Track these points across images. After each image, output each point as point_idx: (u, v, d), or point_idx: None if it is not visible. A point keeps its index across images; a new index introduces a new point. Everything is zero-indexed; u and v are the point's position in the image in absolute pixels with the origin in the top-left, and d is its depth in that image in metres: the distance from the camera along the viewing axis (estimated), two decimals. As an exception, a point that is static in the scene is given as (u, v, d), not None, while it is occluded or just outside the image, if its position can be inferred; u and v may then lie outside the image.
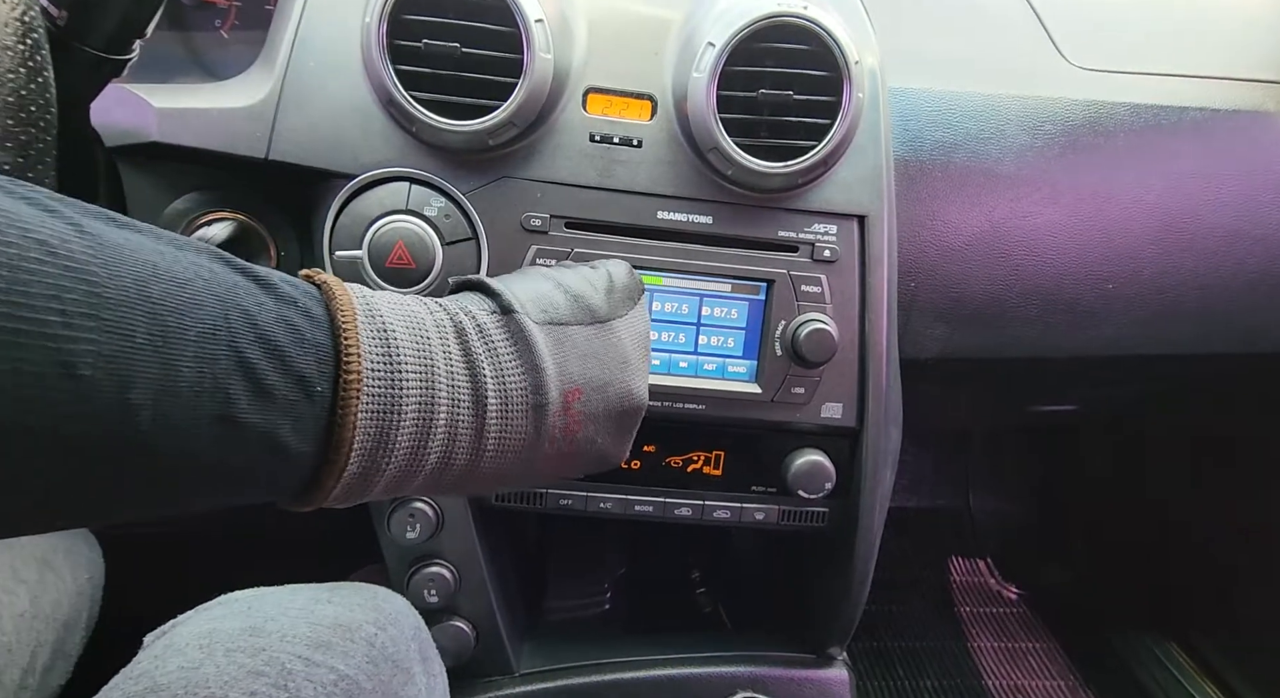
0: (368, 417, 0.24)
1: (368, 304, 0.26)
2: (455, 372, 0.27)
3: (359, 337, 0.25)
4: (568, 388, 0.29)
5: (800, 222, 0.48)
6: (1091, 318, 0.61)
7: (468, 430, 0.27)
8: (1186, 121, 0.58)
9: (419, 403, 0.26)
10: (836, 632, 0.57)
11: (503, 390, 0.28)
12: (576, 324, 0.31)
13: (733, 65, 0.43)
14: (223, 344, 0.21)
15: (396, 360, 0.25)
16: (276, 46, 0.45)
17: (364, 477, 0.25)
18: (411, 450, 0.26)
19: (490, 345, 0.28)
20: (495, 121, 0.43)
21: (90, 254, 0.19)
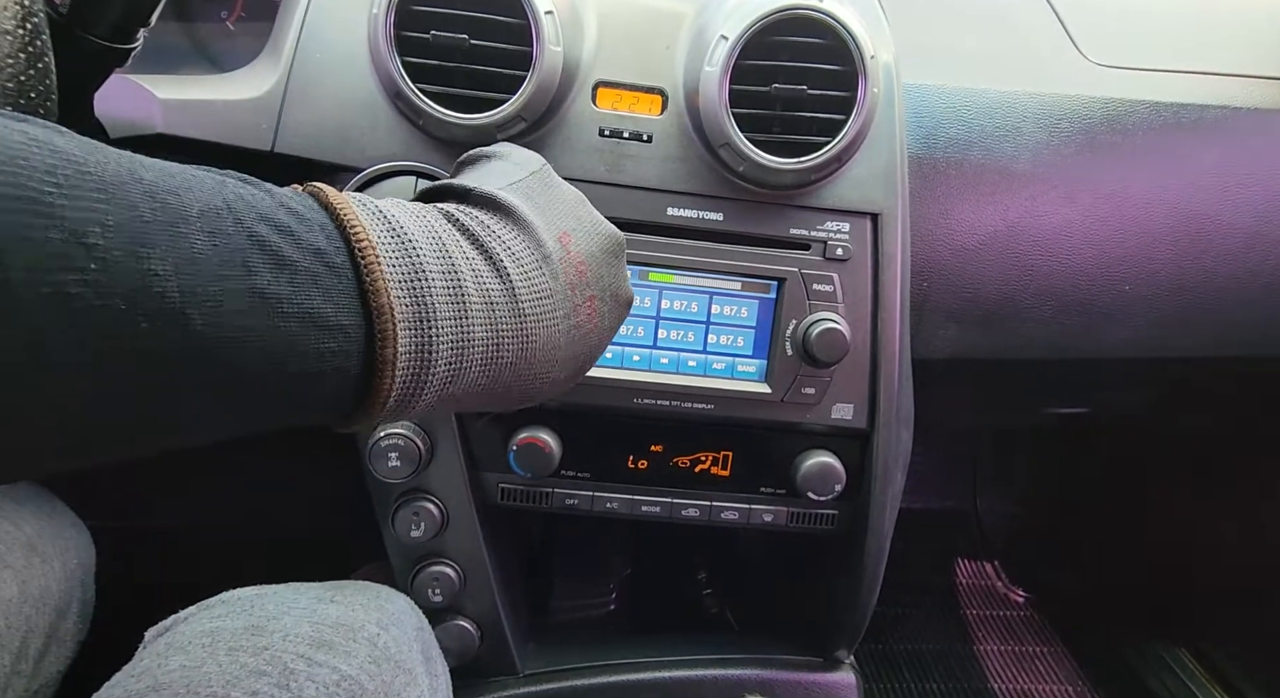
0: (396, 284, 0.23)
1: (357, 196, 0.26)
2: (462, 244, 0.26)
3: (357, 213, 0.24)
4: (558, 233, 0.29)
5: (812, 219, 0.47)
6: (1107, 319, 0.60)
7: (502, 297, 0.26)
8: (1207, 120, 0.57)
9: (442, 271, 0.25)
10: (844, 635, 0.57)
11: (511, 254, 0.27)
12: (528, 177, 0.31)
13: (746, 59, 0.42)
14: (228, 221, 0.21)
15: (403, 233, 0.24)
16: (282, 38, 0.44)
17: (419, 355, 0.24)
18: (454, 320, 0.25)
19: (479, 221, 0.28)
20: (503, 115, 0.42)
21: (76, 145, 0.18)
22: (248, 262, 0.21)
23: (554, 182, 0.32)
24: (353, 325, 0.23)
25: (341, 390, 0.23)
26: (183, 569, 0.62)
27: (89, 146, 0.19)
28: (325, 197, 0.24)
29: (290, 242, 0.22)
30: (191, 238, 0.19)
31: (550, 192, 0.31)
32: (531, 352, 0.27)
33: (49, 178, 0.17)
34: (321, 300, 0.22)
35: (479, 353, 0.26)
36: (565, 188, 0.33)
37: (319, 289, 0.22)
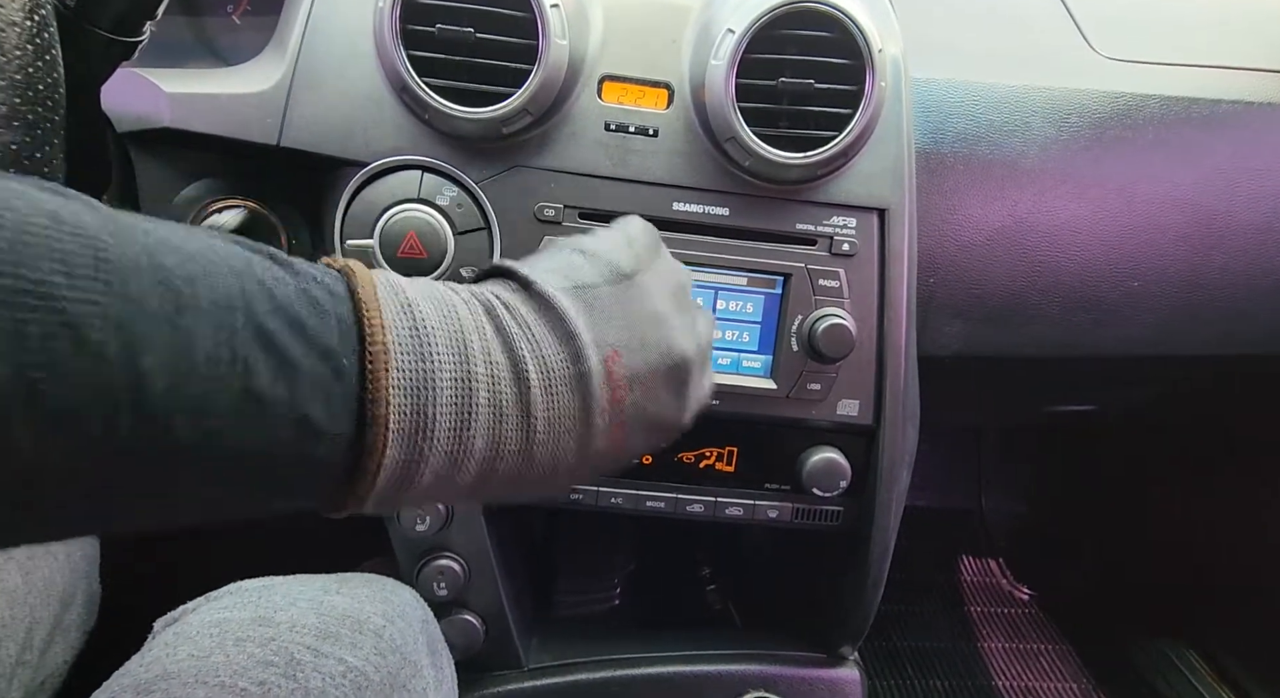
0: (400, 392, 0.23)
1: (389, 281, 0.25)
2: (490, 347, 0.25)
3: (381, 310, 0.23)
4: (606, 352, 0.28)
5: (819, 214, 0.47)
6: (1115, 316, 0.60)
7: (513, 410, 0.25)
8: (1219, 114, 0.56)
9: (454, 378, 0.24)
10: (849, 632, 0.57)
11: (542, 363, 0.26)
12: (604, 284, 0.29)
13: (752, 53, 0.42)
14: (240, 314, 0.20)
15: (424, 333, 0.24)
16: (288, 32, 0.44)
17: (406, 465, 0.23)
18: (454, 432, 0.24)
19: (519, 319, 0.27)
20: (509, 109, 0.42)
21: (100, 225, 0.18)
22: (248, 360, 0.20)
23: (635, 296, 0.30)
24: (343, 434, 0.22)
25: (322, 488, 0.23)
26: (190, 561, 0.62)
27: (117, 225, 0.19)
28: (354, 281, 0.24)
29: (300, 340, 0.21)
30: (193, 333, 0.19)
31: (624, 304, 0.29)
32: (534, 468, 0.27)
33: (60, 266, 0.17)
34: (319, 406, 0.22)
35: (474, 465, 0.25)
36: (646, 305, 0.30)
37: (319, 393, 0.22)
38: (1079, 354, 0.62)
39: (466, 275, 0.45)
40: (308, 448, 0.22)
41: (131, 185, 0.45)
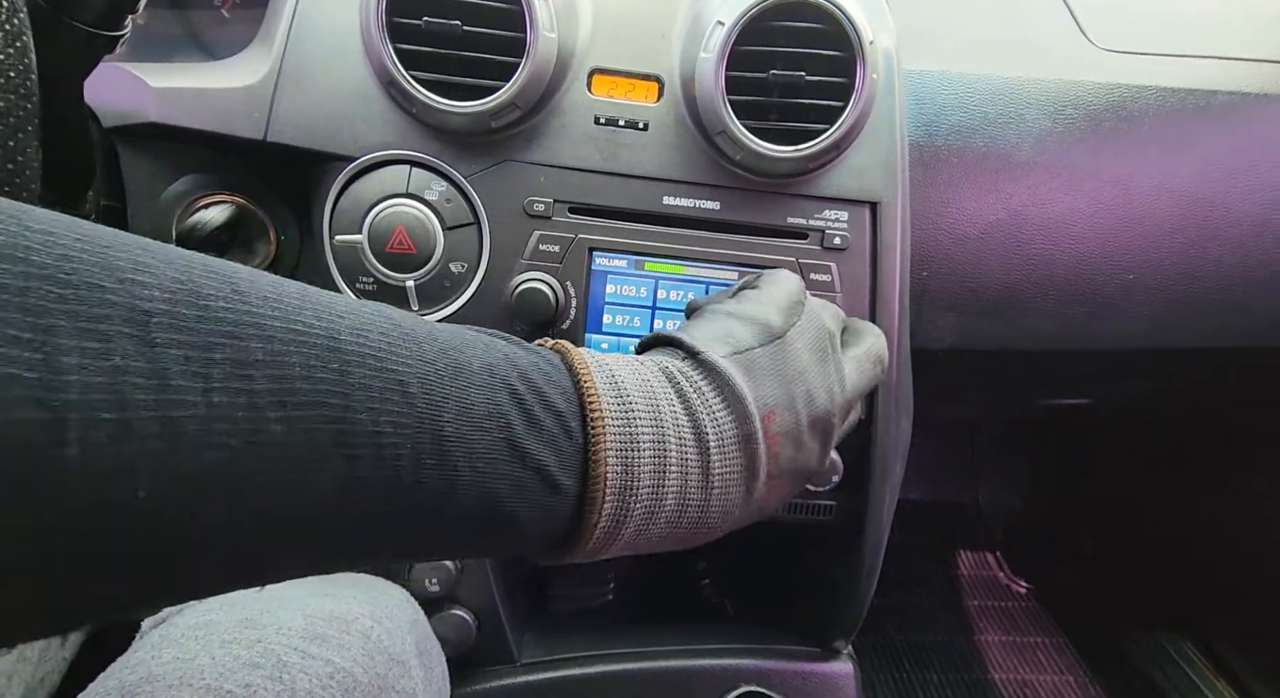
0: (614, 454, 0.26)
1: (592, 356, 0.29)
2: (676, 412, 0.28)
3: (594, 381, 0.27)
4: (764, 412, 0.30)
5: (810, 208, 0.47)
6: (1110, 310, 0.59)
7: (696, 470, 0.28)
8: (1216, 106, 0.56)
9: (653, 442, 0.27)
10: (843, 626, 0.57)
11: (717, 426, 0.29)
12: (759, 347, 0.32)
13: (742, 45, 0.42)
14: (498, 376, 0.24)
15: (627, 401, 0.27)
16: (274, 25, 0.44)
17: (615, 518, 0.26)
18: (652, 490, 0.27)
19: (695, 386, 0.29)
20: (497, 103, 0.42)
21: (402, 317, 0.24)
22: (506, 415, 0.24)
23: (785, 355, 0.32)
24: (572, 488, 0.26)
25: (545, 539, 0.27)
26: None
27: (407, 315, 0.24)
28: (570, 357, 0.28)
29: (540, 401, 0.25)
30: (470, 392, 0.23)
31: (775, 365, 0.32)
32: (707, 522, 0.29)
33: (385, 340, 0.22)
34: (554, 460, 0.25)
35: (663, 518, 0.28)
36: (794, 362, 0.32)
37: (554, 449, 0.25)
38: (1074, 348, 0.62)
39: (456, 270, 0.45)
40: (546, 498, 0.25)
41: (118, 181, 0.45)
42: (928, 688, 1.00)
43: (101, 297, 0.16)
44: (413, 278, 0.44)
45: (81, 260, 0.16)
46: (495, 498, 0.24)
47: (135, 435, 0.16)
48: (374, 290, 0.45)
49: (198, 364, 0.17)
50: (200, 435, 0.17)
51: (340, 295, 0.23)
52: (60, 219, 0.17)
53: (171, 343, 0.17)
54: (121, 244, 0.17)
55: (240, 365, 0.18)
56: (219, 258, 0.20)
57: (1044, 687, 1.02)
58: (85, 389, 0.15)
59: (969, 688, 1.01)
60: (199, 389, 0.17)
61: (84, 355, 0.15)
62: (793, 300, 0.35)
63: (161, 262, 0.18)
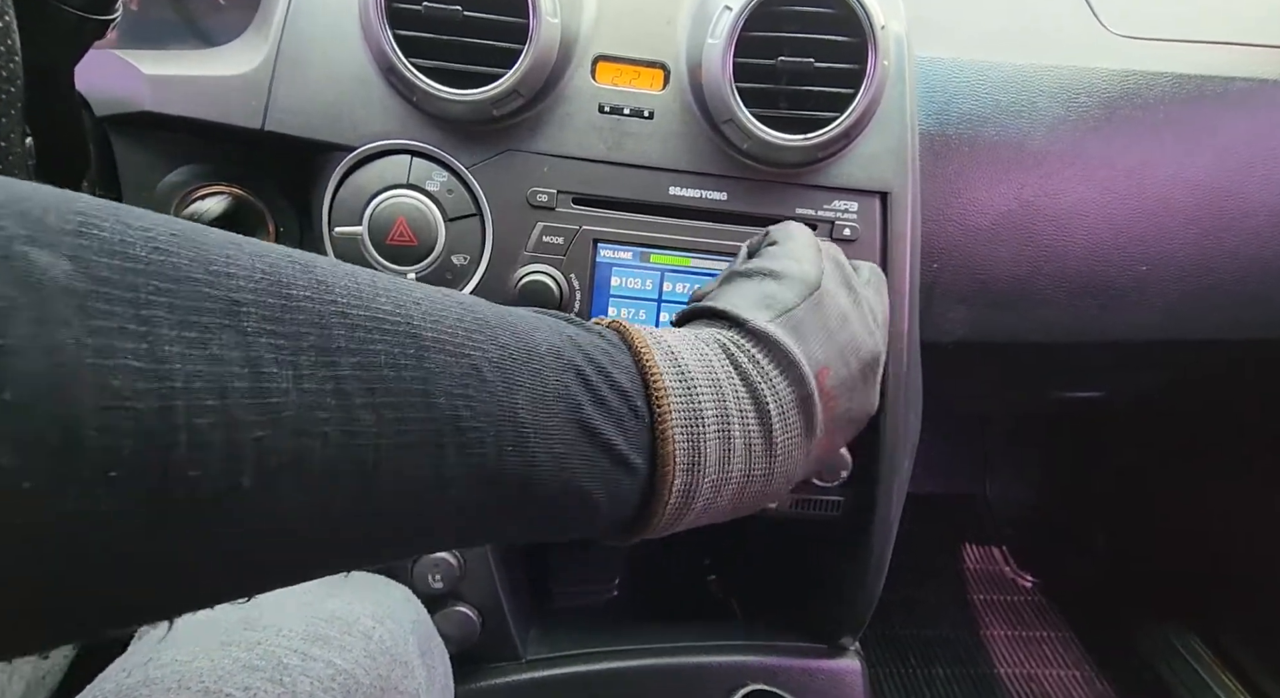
0: (680, 431, 0.26)
1: (650, 332, 0.29)
2: (736, 385, 0.28)
3: (655, 358, 0.27)
4: (818, 370, 0.30)
5: (819, 198, 0.46)
6: (1123, 301, 0.58)
7: (759, 440, 0.28)
8: (1233, 93, 0.55)
9: (716, 415, 0.27)
10: (850, 622, 0.56)
11: (776, 394, 0.29)
12: (801, 303, 0.32)
13: (750, 30, 0.41)
14: (565, 359, 0.25)
15: (689, 377, 0.27)
16: (271, 11, 0.43)
17: (685, 494, 0.27)
18: (719, 463, 0.27)
19: (750, 356, 0.29)
20: (500, 90, 0.41)
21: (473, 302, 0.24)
22: (574, 396, 0.24)
23: (824, 305, 0.32)
24: (642, 465, 0.26)
25: (616, 519, 0.27)
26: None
27: (478, 300, 0.25)
28: (630, 336, 0.28)
29: (606, 381, 0.25)
30: (542, 372, 0.24)
31: (818, 318, 0.32)
32: (772, 487, 0.30)
33: (460, 326, 0.22)
34: (622, 439, 0.25)
35: (730, 492, 0.28)
36: (833, 310, 0.33)
37: (622, 428, 0.25)
38: (1087, 340, 0.61)
39: (458, 262, 0.44)
40: (619, 477, 0.25)
41: (112, 171, 0.44)
42: (934, 683, 1.00)
43: (196, 289, 0.16)
44: (414, 270, 0.44)
45: (178, 254, 0.16)
46: (572, 480, 0.24)
47: (238, 422, 0.16)
48: (374, 283, 0.44)
49: (288, 353, 0.17)
50: (296, 422, 0.17)
51: (411, 281, 0.23)
52: (153, 216, 0.17)
53: (261, 332, 0.17)
54: (212, 239, 0.18)
55: (325, 353, 0.18)
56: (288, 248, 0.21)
57: (1050, 681, 1.02)
58: (189, 378, 0.15)
59: (975, 683, 1.01)
60: (290, 377, 0.17)
61: (185, 345, 0.16)
62: (815, 248, 0.35)
63: (248, 254, 0.18)
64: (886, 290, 0.39)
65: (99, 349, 0.14)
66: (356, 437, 0.18)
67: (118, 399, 0.14)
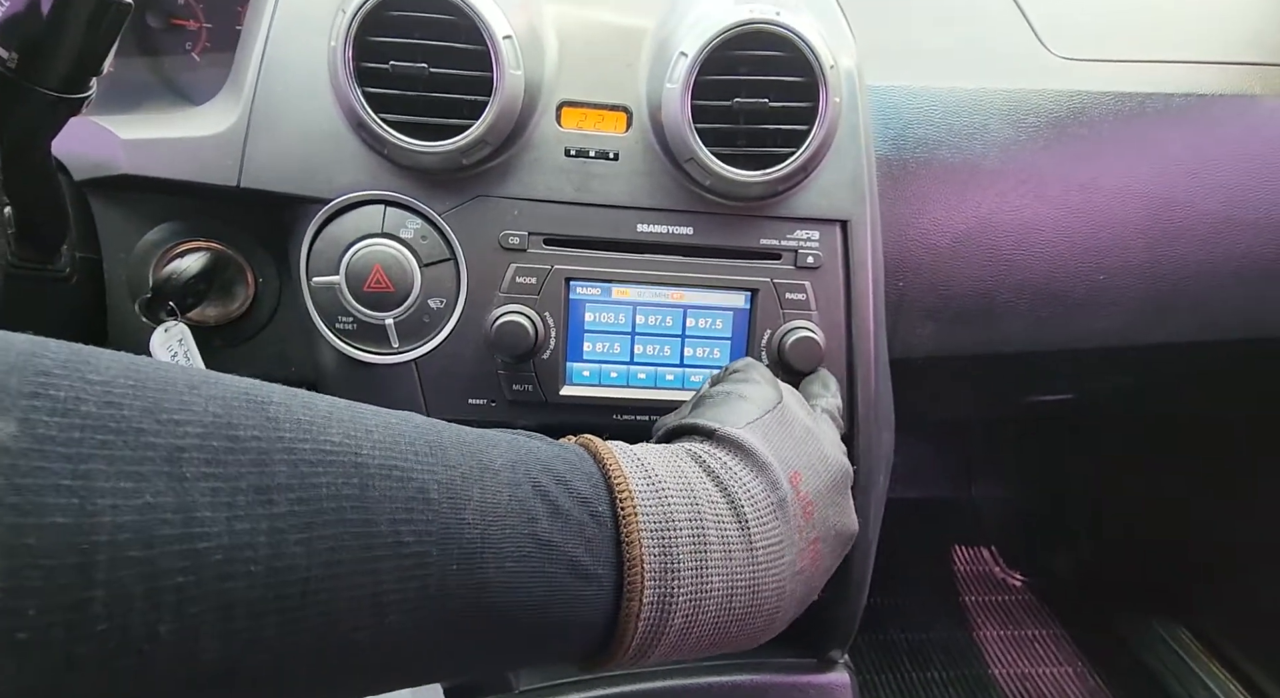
0: (649, 536, 0.26)
1: (618, 444, 0.29)
2: (709, 488, 0.28)
3: (620, 464, 0.27)
4: (789, 473, 0.31)
5: (782, 229, 0.47)
6: (1082, 310, 0.61)
7: (739, 544, 0.28)
8: (1173, 108, 0.57)
9: (689, 520, 0.27)
10: (837, 636, 0.57)
11: (750, 497, 0.29)
12: (765, 415, 0.33)
13: (706, 74, 0.42)
14: (521, 472, 0.25)
15: (657, 482, 0.27)
16: (243, 71, 0.44)
17: (659, 606, 0.26)
18: (695, 572, 0.26)
19: (721, 462, 0.29)
20: (468, 141, 0.42)
21: (429, 424, 0.25)
22: (530, 509, 0.24)
23: (788, 418, 0.33)
24: (606, 576, 0.25)
25: (585, 639, 0.26)
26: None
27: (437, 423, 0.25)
28: (594, 447, 0.28)
29: (565, 492, 0.25)
30: (495, 490, 0.24)
31: (784, 429, 0.33)
32: (760, 600, 0.28)
33: (410, 450, 0.22)
34: (583, 550, 0.25)
35: (713, 604, 0.27)
36: (798, 424, 0.34)
37: (582, 538, 0.25)
38: (1050, 349, 0.63)
39: (435, 306, 0.45)
40: (579, 590, 0.25)
41: (93, 232, 0.45)
42: (929, 687, 1.01)
43: (141, 440, 0.17)
44: (392, 316, 0.45)
45: (130, 406, 0.17)
46: (529, 599, 0.23)
47: (161, 571, 0.16)
48: (354, 329, 0.45)
49: (224, 494, 0.18)
50: (223, 565, 0.17)
51: (371, 408, 0.24)
52: (118, 365, 0.18)
53: (200, 476, 0.17)
54: (172, 385, 0.18)
55: (263, 491, 0.18)
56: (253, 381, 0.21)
57: (1044, 679, 1.03)
58: (115, 530, 0.16)
59: (970, 684, 1.02)
60: (224, 518, 0.17)
61: (118, 496, 0.16)
62: (770, 376, 0.37)
63: (204, 397, 0.19)
64: (840, 420, 0.41)
65: (20, 508, 0.15)
66: (283, 573, 0.18)
67: (30, 558, 0.15)
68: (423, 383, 0.46)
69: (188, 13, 0.58)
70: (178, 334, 0.43)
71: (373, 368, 0.46)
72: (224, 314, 0.47)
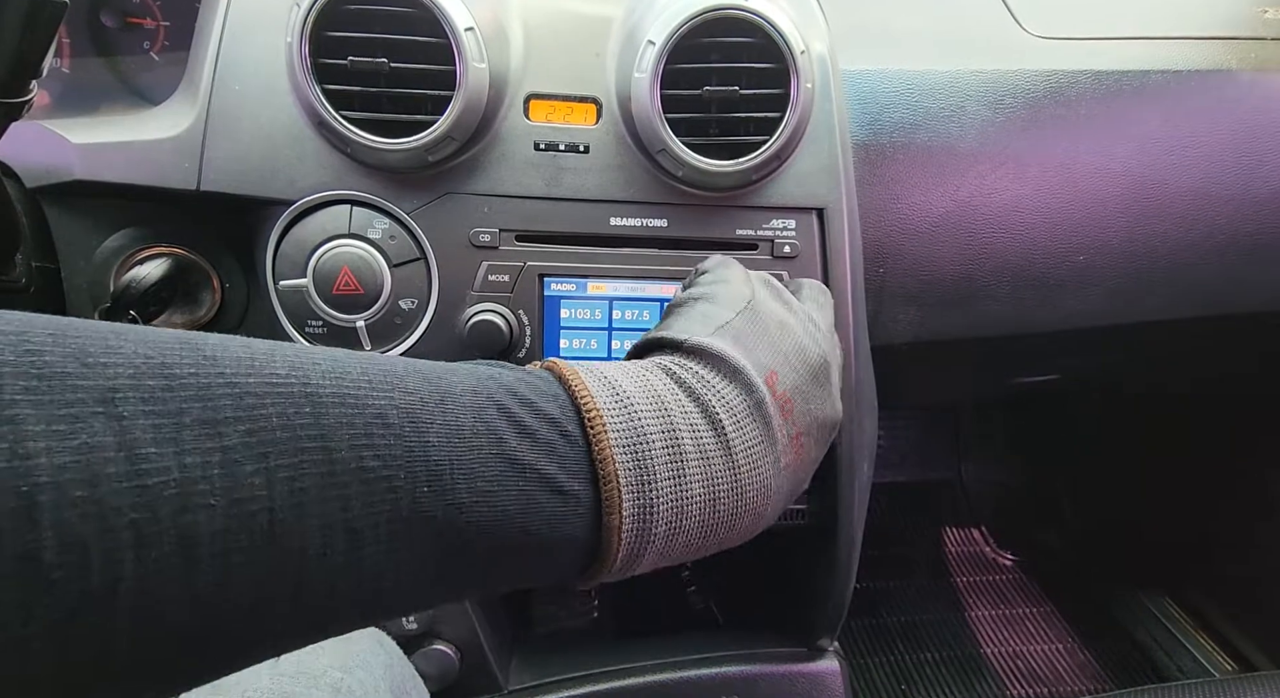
0: (621, 450, 0.25)
1: (585, 365, 0.29)
2: (681, 400, 0.28)
3: (586, 384, 0.27)
4: (765, 374, 0.30)
5: (758, 218, 0.47)
6: (1062, 291, 0.60)
7: (716, 450, 0.27)
8: (1150, 85, 0.57)
9: (661, 431, 0.26)
10: (825, 624, 0.57)
11: (725, 403, 0.28)
12: (736, 317, 0.32)
13: (675, 63, 0.42)
14: (483, 396, 0.24)
15: (625, 397, 0.27)
16: (198, 71, 0.43)
17: (640, 518, 0.25)
18: (673, 481, 0.26)
19: (693, 372, 0.29)
20: (433, 137, 0.41)
21: (381, 358, 0.24)
22: (497, 430, 0.24)
23: (759, 315, 0.33)
24: (583, 492, 0.25)
25: (570, 555, 0.26)
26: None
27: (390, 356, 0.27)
28: (559, 369, 0.28)
29: (531, 411, 0.25)
30: (457, 414, 0.23)
31: (757, 327, 0.32)
32: (745, 502, 0.28)
33: (364, 379, 0.22)
34: (556, 467, 0.25)
35: (696, 510, 0.27)
36: (771, 319, 0.33)
37: (554, 456, 0.25)
38: (1032, 331, 0.63)
39: (406, 307, 0.45)
40: (558, 508, 0.24)
41: (49, 241, 0.44)
42: (922, 668, 1.02)
43: (68, 382, 0.16)
44: (363, 318, 0.44)
45: (51, 352, 0.16)
46: (505, 518, 0.23)
47: (112, 509, 0.16)
48: (324, 333, 0.44)
49: (169, 431, 0.17)
50: (178, 499, 0.17)
51: (318, 347, 0.23)
52: (36, 319, 0.17)
53: (140, 413, 0.17)
54: (95, 332, 0.18)
55: (209, 424, 0.18)
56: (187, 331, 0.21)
57: (1035, 656, 1.05)
58: (55, 471, 0.15)
59: (963, 664, 1.03)
60: (171, 454, 0.17)
61: (50, 439, 0.15)
62: (742, 270, 0.36)
63: (132, 342, 0.18)
64: (830, 303, 0.40)
65: None
66: (246, 503, 0.18)
67: None
68: (397, 385, 0.45)
69: (144, 11, 0.56)
70: (142, 343, 0.42)
71: (345, 372, 0.45)
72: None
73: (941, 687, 0.99)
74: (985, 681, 1.00)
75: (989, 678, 1.00)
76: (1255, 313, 0.66)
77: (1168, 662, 0.99)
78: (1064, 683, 1.00)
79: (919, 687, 0.98)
